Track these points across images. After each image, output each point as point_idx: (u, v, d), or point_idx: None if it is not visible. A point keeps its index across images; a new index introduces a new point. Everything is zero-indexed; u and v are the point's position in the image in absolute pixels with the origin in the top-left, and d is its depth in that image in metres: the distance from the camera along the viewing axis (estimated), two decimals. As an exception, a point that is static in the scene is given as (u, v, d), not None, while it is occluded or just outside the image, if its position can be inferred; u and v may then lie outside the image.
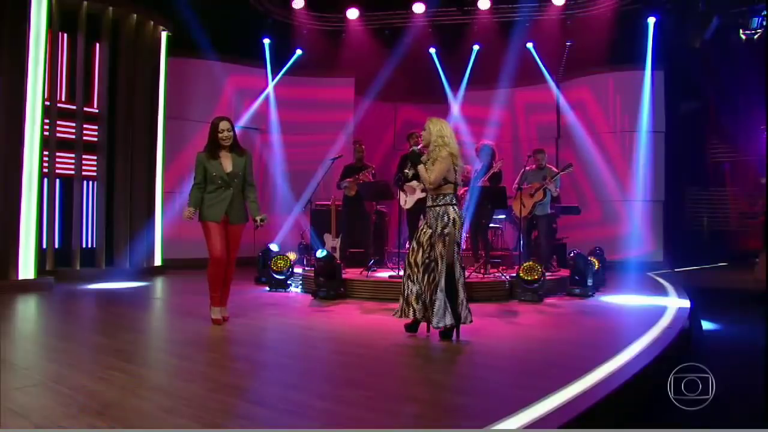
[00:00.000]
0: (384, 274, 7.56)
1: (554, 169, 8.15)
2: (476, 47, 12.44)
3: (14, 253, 7.48)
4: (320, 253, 7.27)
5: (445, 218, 4.54)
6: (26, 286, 7.42)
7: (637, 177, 11.29)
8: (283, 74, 12.19)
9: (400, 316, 4.76)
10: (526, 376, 3.76)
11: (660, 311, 6.00)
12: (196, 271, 9.90)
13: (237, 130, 5.38)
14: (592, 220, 11.28)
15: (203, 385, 3.45)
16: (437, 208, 4.58)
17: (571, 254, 7.58)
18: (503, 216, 8.94)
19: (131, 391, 3.28)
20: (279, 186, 11.82)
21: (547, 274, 7.45)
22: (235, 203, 5.19)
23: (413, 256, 4.64)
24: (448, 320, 4.55)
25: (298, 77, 12.25)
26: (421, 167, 4.64)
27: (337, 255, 8.55)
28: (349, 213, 8.24)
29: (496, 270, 7.79)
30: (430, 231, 4.60)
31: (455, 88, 12.76)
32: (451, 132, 4.68)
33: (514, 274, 6.98)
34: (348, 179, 8.21)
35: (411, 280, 4.66)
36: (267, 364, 4.17)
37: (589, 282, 7.18)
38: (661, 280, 9.24)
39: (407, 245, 7.89)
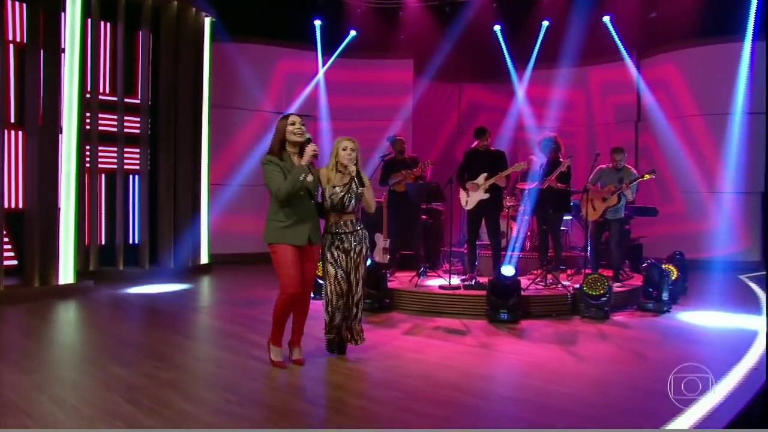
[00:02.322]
0: (436, 281, 7.21)
1: (633, 171, 7.45)
2: (545, 23, 11.70)
3: (54, 256, 7.53)
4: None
5: (367, 239, 4.69)
6: (66, 292, 7.48)
7: (730, 165, 10.33)
8: (336, 57, 11.91)
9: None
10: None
11: (747, 339, 5.36)
12: (244, 268, 9.95)
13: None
14: (673, 214, 10.46)
15: None
16: (360, 231, 4.63)
17: (645, 264, 6.96)
18: (569, 216, 8.35)
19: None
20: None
21: (616, 284, 6.97)
22: (315, 219, 4.47)
23: (337, 286, 4.60)
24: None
25: (352, 59, 11.95)
26: (367, 189, 4.62)
27: (387, 258, 8.27)
28: (397, 211, 7.88)
29: (564, 274, 7.37)
30: (352, 254, 4.59)
31: (521, 68, 12.09)
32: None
33: (578, 286, 6.47)
34: (398, 174, 7.82)
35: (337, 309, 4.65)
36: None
37: (665, 296, 6.57)
38: (755, 287, 8.45)
39: (465, 246, 7.64)
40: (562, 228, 7.82)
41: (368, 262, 4.95)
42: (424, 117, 12.32)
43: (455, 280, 7.11)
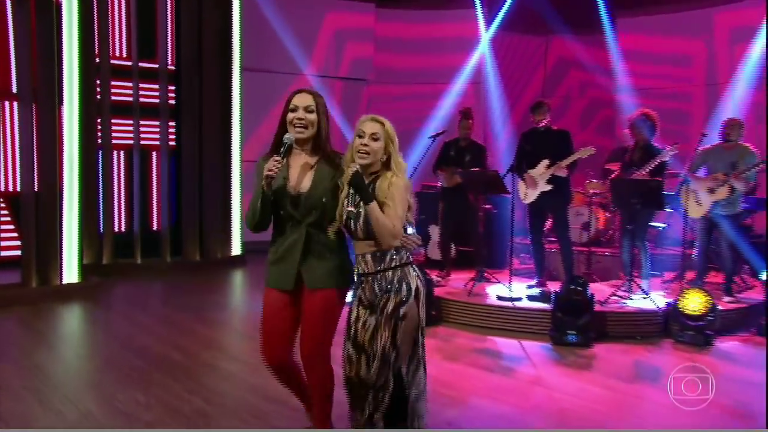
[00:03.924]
0: (493, 289, 6.78)
1: (753, 151, 6.53)
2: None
3: (54, 251, 7.38)
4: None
5: (403, 287, 3.12)
6: (69, 293, 7.39)
7: None
8: (392, 8, 11.50)
9: None
10: None
11: None
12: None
13: (338, 81, 4.06)
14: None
15: None
16: (389, 273, 3.14)
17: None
18: (670, 209, 7.62)
19: None
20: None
21: (727, 299, 6.31)
22: (315, 250, 3.26)
23: (353, 372, 3.15)
24: None
25: (411, 10, 11.50)
26: (374, 207, 3.03)
27: (438, 253, 7.88)
28: (450, 204, 7.47)
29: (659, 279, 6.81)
30: (374, 318, 3.14)
31: (619, 14, 11.21)
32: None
33: (672, 301, 5.86)
34: (446, 169, 7.37)
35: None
36: None
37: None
38: None
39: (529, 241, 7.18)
40: (660, 225, 7.14)
41: (405, 322, 3.11)
42: (500, 79, 11.68)
43: (520, 287, 6.68)
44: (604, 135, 10.95)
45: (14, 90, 7.88)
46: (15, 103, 7.87)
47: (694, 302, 5.66)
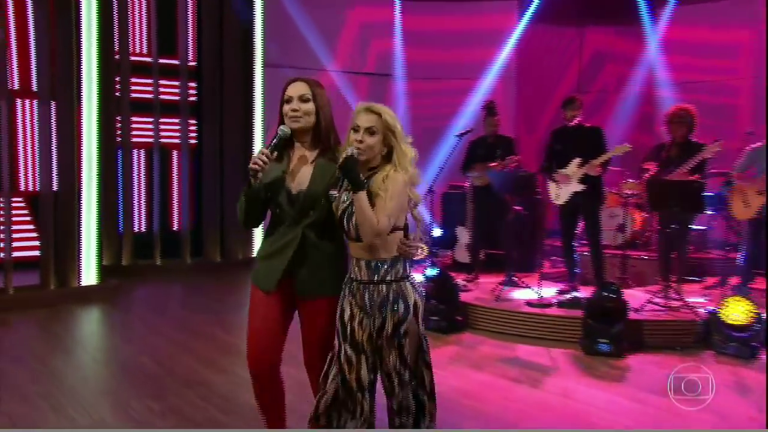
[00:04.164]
0: (522, 294, 6.65)
1: None
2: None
3: (72, 252, 7.46)
4: (431, 271, 6.62)
5: (399, 305, 2.88)
6: (87, 295, 7.46)
7: None
8: (418, 0, 11.31)
9: None
10: None
11: None
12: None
13: (363, 77, 3.78)
14: None
15: None
16: (382, 287, 2.89)
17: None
18: (711, 211, 7.44)
19: None
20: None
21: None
22: (310, 256, 3.03)
23: (353, 373, 2.94)
24: None
25: (438, 2, 11.30)
26: (362, 196, 2.76)
27: (467, 256, 7.78)
28: (481, 205, 7.38)
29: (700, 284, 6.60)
30: (368, 324, 2.93)
31: (659, 2, 10.96)
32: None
33: (713, 309, 5.67)
34: (478, 166, 7.27)
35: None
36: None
37: None
38: None
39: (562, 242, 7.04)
40: (703, 227, 6.96)
41: (406, 346, 2.92)
42: (532, 73, 11.51)
43: (551, 291, 6.55)
44: (642, 132, 10.72)
45: (34, 88, 7.94)
46: (34, 102, 7.92)
47: (737, 311, 5.46)
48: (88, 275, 7.61)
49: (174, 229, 9.41)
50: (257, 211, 3.05)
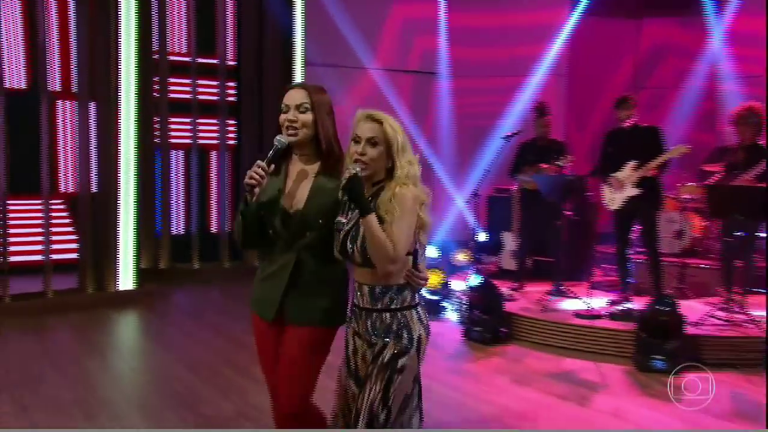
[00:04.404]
0: (571, 304, 6.52)
1: None
2: None
3: (112, 253, 7.60)
4: (474, 279, 6.56)
5: (404, 338, 2.67)
6: (124, 299, 7.58)
7: None
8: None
9: None
10: None
11: None
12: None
13: (406, 75, 3.47)
14: None
15: None
16: (386, 315, 2.68)
17: None
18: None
19: None
20: (447, 152, 11.08)
21: None
22: (305, 282, 2.84)
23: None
24: None
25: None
26: (371, 220, 2.53)
27: (513, 263, 7.67)
28: (530, 210, 7.26)
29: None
30: (371, 355, 2.72)
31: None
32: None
33: (779, 325, 5.48)
34: (529, 169, 7.15)
35: None
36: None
37: None
38: None
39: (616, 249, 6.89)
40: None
41: (400, 379, 2.64)
42: (584, 70, 11.29)
43: (601, 302, 6.43)
44: (704, 131, 10.41)
45: (74, 89, 8.05)
46: (74, 103, 8.02)
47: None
48: (126, 279, 7.73)
49: (212, 231, 9.47)
50: (255, 231, 2.85)
